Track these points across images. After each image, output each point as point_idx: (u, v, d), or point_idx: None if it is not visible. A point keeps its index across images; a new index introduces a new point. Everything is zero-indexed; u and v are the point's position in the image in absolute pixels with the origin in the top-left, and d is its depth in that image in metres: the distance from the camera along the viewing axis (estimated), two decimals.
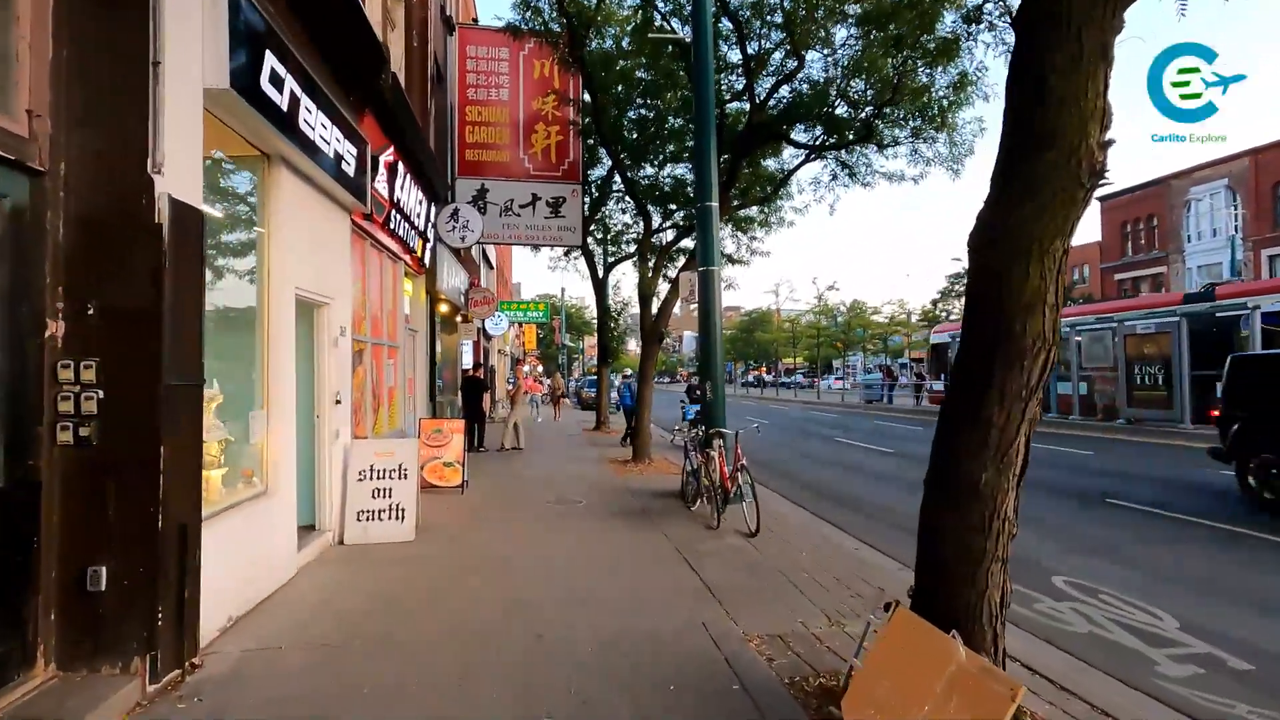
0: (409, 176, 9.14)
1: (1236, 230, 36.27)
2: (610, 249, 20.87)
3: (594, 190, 17.95)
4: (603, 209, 19.57)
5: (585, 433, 19.19)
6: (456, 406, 14.67)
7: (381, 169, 7.81)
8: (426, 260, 10.87)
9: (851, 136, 11.67)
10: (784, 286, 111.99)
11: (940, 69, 10.67)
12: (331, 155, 5.94)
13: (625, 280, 45.68)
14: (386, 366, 9.21)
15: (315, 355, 6.47)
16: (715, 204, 8.97)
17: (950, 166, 12.44)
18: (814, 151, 12.43)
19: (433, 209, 11.05)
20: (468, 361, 21.65)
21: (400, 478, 6.81)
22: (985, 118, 13.02)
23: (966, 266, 4.01)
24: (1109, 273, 47.46)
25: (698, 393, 17.10)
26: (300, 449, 6.40)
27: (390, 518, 6.66)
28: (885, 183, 14.05)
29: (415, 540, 6.63)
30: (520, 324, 43.59)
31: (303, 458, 6.42)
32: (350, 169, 6.51)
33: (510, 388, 14.94)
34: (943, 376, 26.42)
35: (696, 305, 9.19)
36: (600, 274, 20.18)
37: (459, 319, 15.64)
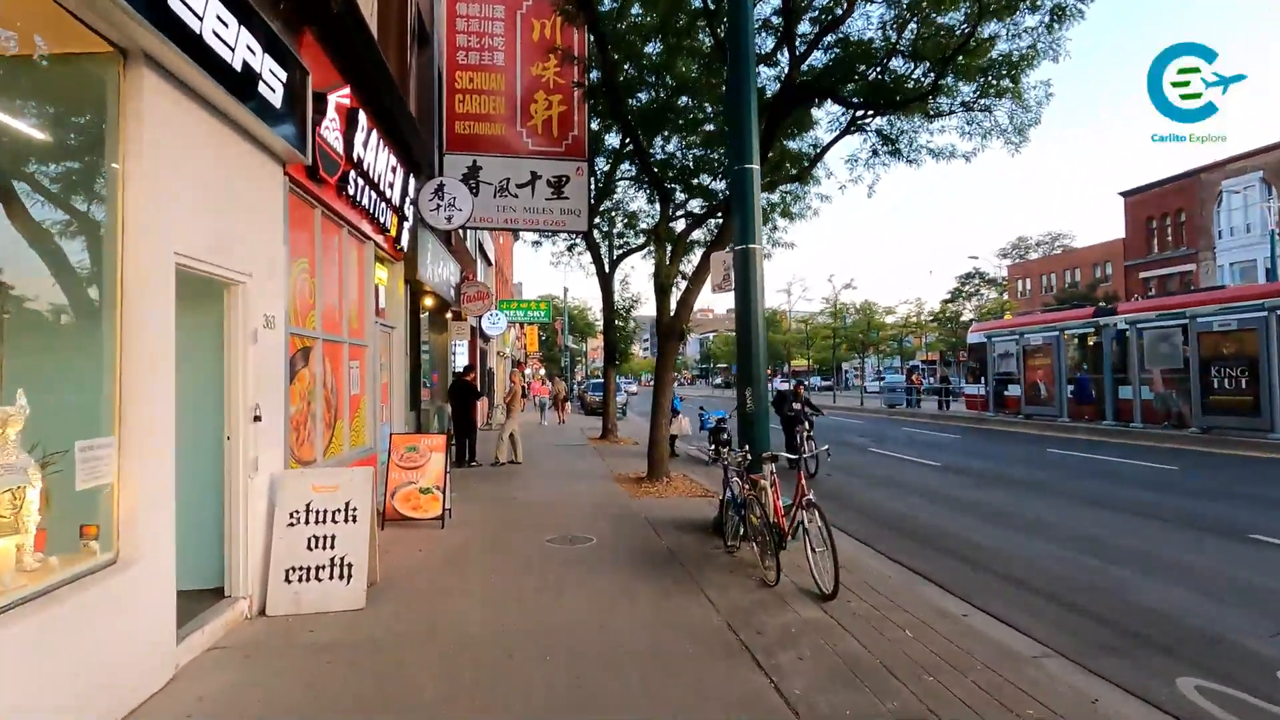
0: (376, 134, 7.36)
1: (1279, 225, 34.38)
2: (618, 242, 19.10)
3: (600, 178, 16.20)
4: (609, 198, 17.83)
5: (592, 442, 17.39)
6: (446, 416, 12.89)
7: (333, 114, 6.03)
8: (404, 242, 9.09)
9: (903, 99, 9.87)
10: (796, 285, 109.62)
11: (1022, 11, 8.88)
12: (238, 67, 4.16)
13: (635, 274, 43.93)
14: (350, 370, 7.43)
15: (226, 354, 4.69)
16: (756, 166, 7.18)
17: (1010, 139, 10.65)
18: (857, 119, 10.64)
19: (411, 182, 9.28)
20: (463, 365, 19.88)
21: (347, 520, 5.02)
22: (1053, 80, 11.21)
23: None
24: (1133, 270, 45.58)
25: (742, 407, 15.26)
26: (205, 483, 4.62)
27: (332, 576, 4.86)
28: (932, 162, 11.74)
29: (366, 608, 4.83)
30: (521, 325, 41.91)
31: (208, 496, 4.64)
32: (276, 98, 4.73)
33: (507, 394, 13.10)
34: (982, 380, 24.59)
35: (732, 290, 7.40)
36: (606, 267, 18.40)
37: (449, 316, 13.87)
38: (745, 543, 6.47)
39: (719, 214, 10.70)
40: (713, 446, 13.78)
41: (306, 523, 4.92)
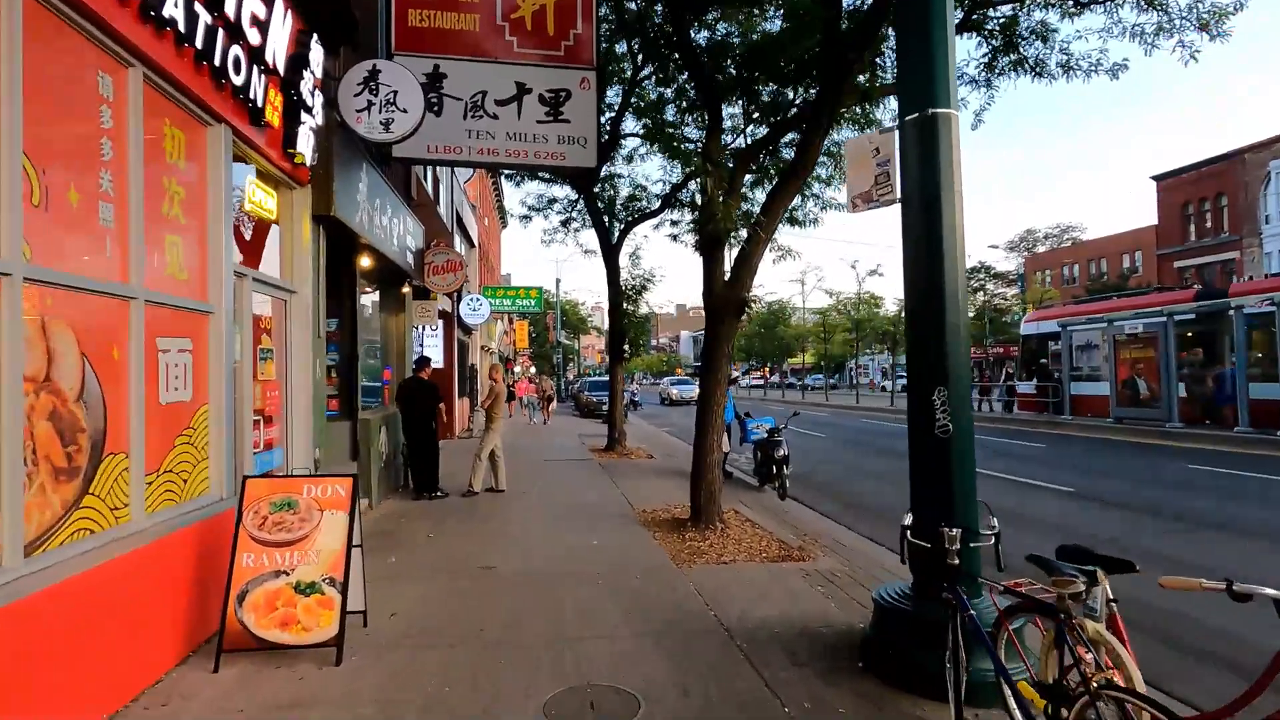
0: None
1: None
2: (623, 212, 15.51)
3: (605, 125, 12.62)
4: (616, 149, 14.27)
5: (595, 454, 13.82)
6: (394, 431, 9.31)
7: None
8: (305, 150, 5.50)
9: None
10: (811, 274, 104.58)
11: None
12: None
13: (647, 246, 38.72)
14: (167, 356, 3.86)
15: None
16: None
17: (1191, 34, 7.19)
18: (976, 9, 7.19)
19: (319, 56, 5.71)
20: (436, 357, 16.30)
21: None
22: None
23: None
24: (1166, 259, 42.50)
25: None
26: None
27: None
28: (1063, 80, 7.76)
29: None
30: (509, 317, 38.29)
31: None
32: None
33: (485, 396, 9.45)
34: (1036, 379, 21.20)
35: (885, 205, 3.91)
36: (614, 237, 14.85)
37: (406, 290, 10.26)
38: None
39: (799, 128, 7.16)
40: (759, 461, 10.30)
41: None
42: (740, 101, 7.60)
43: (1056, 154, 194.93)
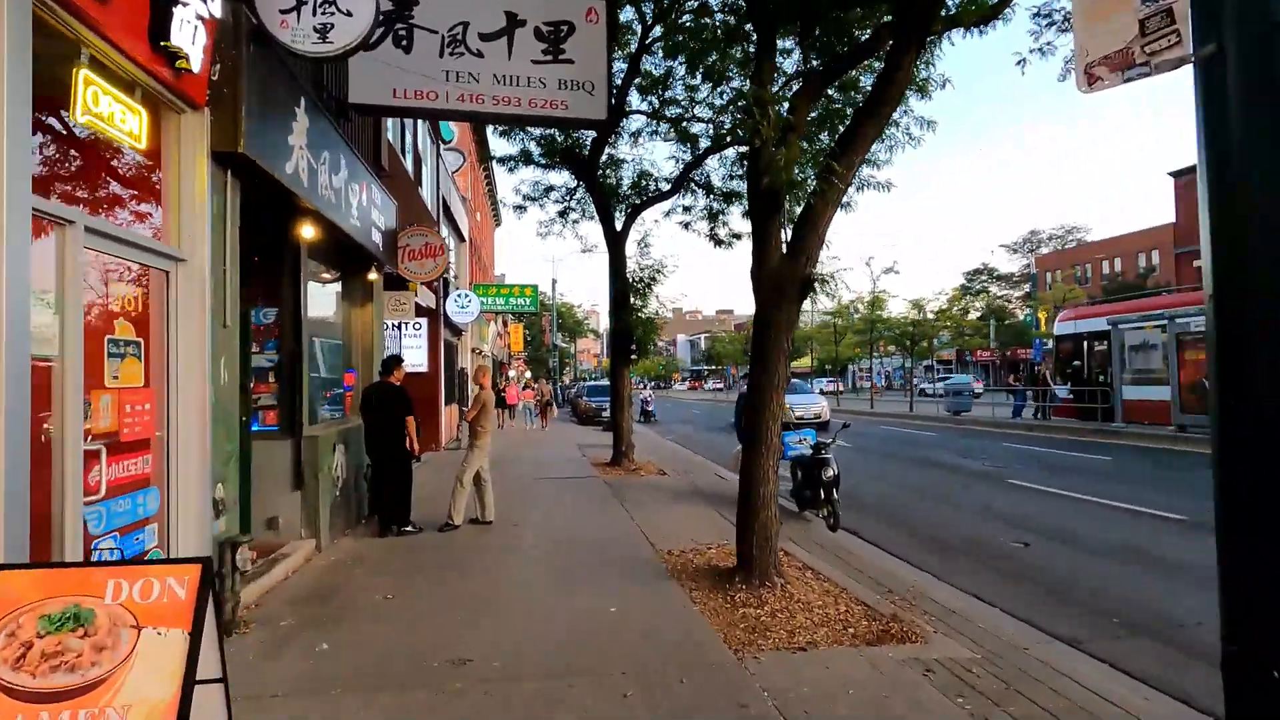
0: None
1: None
2: (633, 191, 13.78)
3: (615, 87, 10.89)
4: (620, 123, 12.57)
5: (600, 470, 12.02)
6: (356, 449, 7.50)
7: None
8: (193, 58, 3.71)
9: None
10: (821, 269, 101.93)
11: None
12: None
13: (656, 233, 36.33)
14: None
15: None
16: None
17: None
18: None
19: None
20: (419, 359, 14.50)
21: None
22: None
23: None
24: (1186, 258, 40.91)
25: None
26: None
27: None
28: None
29: None
30: (503, 319, 36.52)
31: None
32: None
33: (471, 404, 7.59)
34: (1073, 383, 19.48)
35: (1161, 62, 2.18)
36: (618, 224, 13.09)
37: (374, 277, 8.43)
38: None
39: (878, 55, 5.40)
40: (799, 482, 8.54)
41: None
42: (796, 26, 5.81)
43: (1057, 152, 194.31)
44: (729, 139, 11.17)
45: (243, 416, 6.11)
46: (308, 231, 6.06)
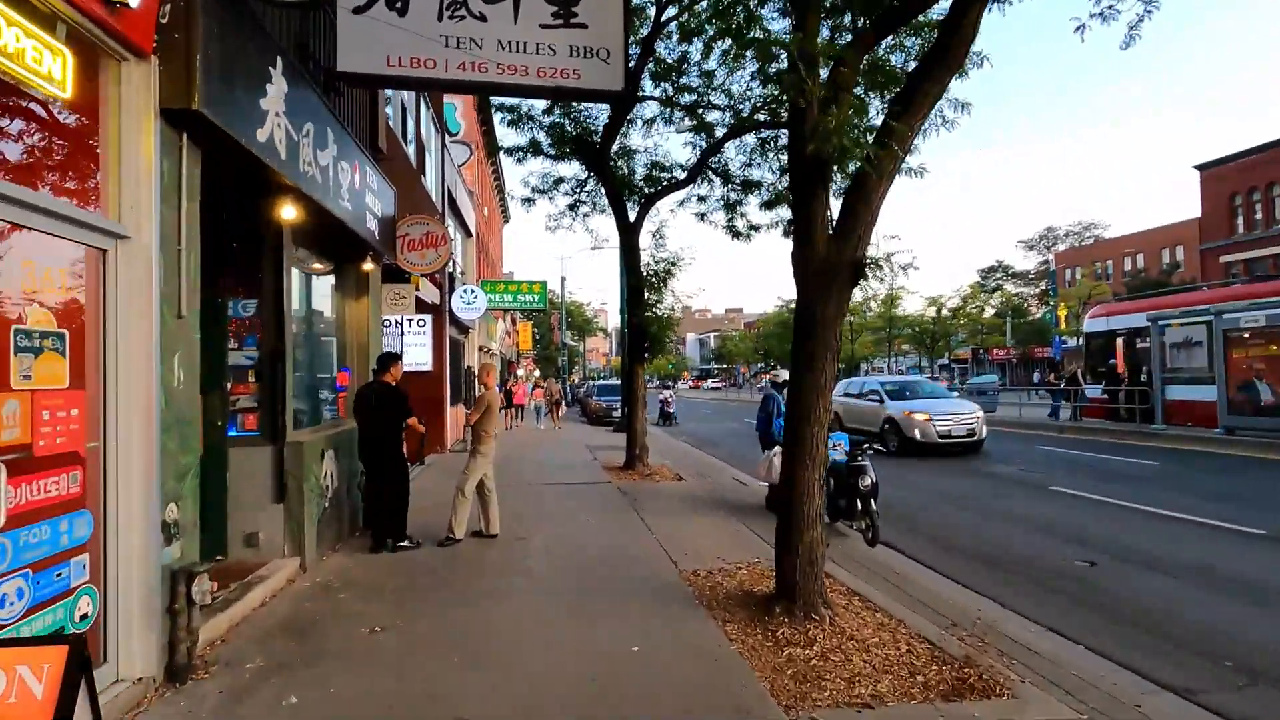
0: None
1: None
2: (646, 182, 13.10)
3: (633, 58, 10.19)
4: (633, 111, 11.90)
5: (612, 475, 11.33)
6: (349, 456, 6.86)
7: None
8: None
9: None
10: None
11: None
12: None
13: (672, 224, 35.53)
14: None
15: None
16: None
17: None
18: None
19: None
20: (423, 357, 13.87)
21: None
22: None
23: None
24: (1211, 254, 39.75)
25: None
26: None
27: None
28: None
29: None
30: (511, 317, 35.96)
31: None
32: None
33: (474, 404, 6.86)
34: (1105, 382, 18.61)
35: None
36: (632, 215, 12.40)
37: (369, 267, 7.77)
38: None
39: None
40: (831, 490, 7.81)
41: None
42: None
43: (1074, 147, 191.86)
44: (760, 114, 10.44)
45: (218, 421, 5.49)
46: (289, 213, 5.40)
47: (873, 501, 7.03)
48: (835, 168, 4.76)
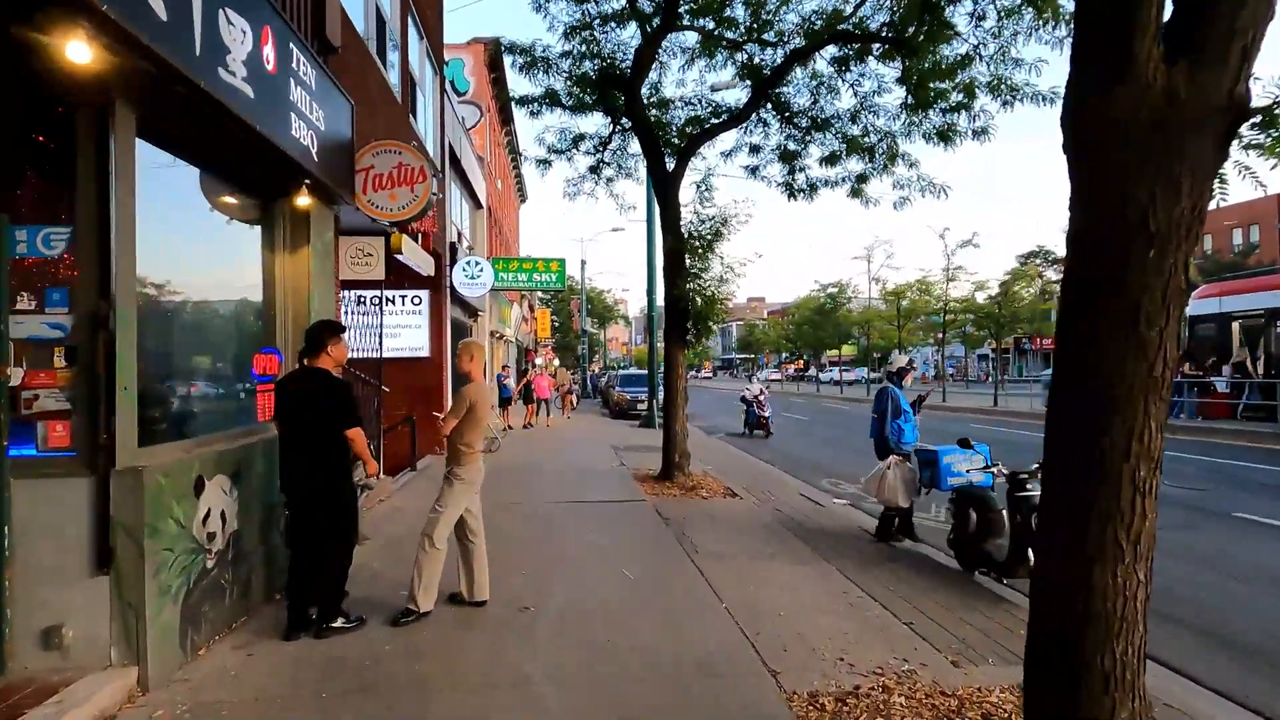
0: None
1: None
2: (686, 126, 10.64)
3: None
4: (660, 49, 9.43)
5: (646, 489, 8.92)
6: (260, 485, 4.51)
7: None
8: None
9: None
10: (879, 250, 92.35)
11: None
12: None
13: (721, 171, 27.25)
14: None
15: None
16: None
17: None
18: None
19: None
20: (418, 341, 11.59)
21: None
22: None
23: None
24: None
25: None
26: None
27: None
28: None
29: None
30: (528, 302, 33.72)
31: None
32: None
33: (453, 405, 4.27)
34: (1223, 371, 15.80)
35: None
36: (669, 164, 9.92)
37: (303, 201, 5.37)
38: None
39: None
40: (956, 525, 5.40)
41: None
42: None
43: None
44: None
45: None
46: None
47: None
48: None
